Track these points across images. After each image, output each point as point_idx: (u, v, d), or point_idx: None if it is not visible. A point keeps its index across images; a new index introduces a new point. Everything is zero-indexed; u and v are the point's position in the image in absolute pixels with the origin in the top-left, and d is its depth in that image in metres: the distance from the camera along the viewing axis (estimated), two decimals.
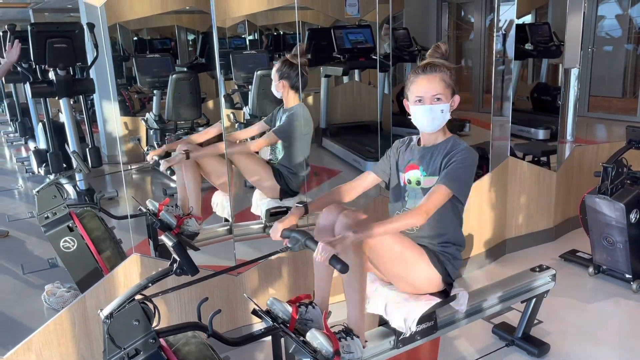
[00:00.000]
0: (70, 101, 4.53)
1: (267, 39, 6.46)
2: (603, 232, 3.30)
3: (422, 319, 2.11)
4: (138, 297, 1.64)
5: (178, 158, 3.01)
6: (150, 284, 1.67)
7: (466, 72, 8.80)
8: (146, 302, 1.66)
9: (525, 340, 2.71)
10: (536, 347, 2.66)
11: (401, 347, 2.15)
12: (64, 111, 4.51)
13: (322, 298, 2.16)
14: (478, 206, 3.57)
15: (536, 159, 4.32)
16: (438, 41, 3.21)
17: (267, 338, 1.98)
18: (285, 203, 3.16)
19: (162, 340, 1.70)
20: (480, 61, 7.90)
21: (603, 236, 3.31)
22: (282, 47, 5.77)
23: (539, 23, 6.76)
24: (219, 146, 3.13)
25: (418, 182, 2.17)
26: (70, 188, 4.54)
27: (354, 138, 5.46)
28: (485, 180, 3.58)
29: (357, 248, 1.95)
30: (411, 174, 2.19)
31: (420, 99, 2.09)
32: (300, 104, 3.15)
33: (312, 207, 2.22)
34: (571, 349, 2.72)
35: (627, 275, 3.28)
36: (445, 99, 2.08)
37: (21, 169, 6.07)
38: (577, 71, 4.21)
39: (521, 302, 2.65)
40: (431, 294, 2.16)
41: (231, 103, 4.92)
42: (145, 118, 4.56)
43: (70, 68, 4.37)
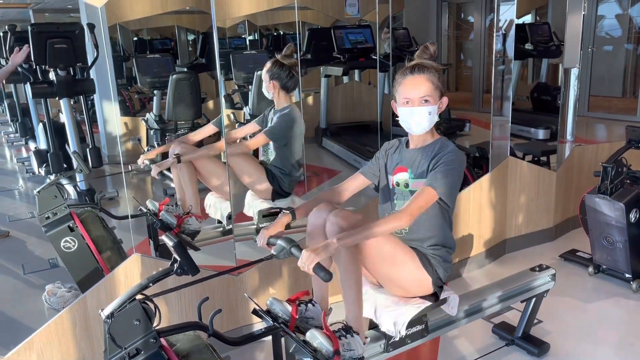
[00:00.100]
0: (70, 101, 4.53)
1: (267, 39, 6.46)
2: (603, 232, 3.31)
3: (412, 323, 2.10)
4: (139, 297, 1.64)
5: (169, 162, 3.00)
6: (151, 284, 1.67)
7: (466, 72, 8.80)
8: (147, 302, 1.66)
9: (525, 339, 2.71)
10: (536, 347, 2.66)
11: (392, 351, 2.13)
12: (65, 111, 4.52)
13: (322, 296, 2.16)
14: (478, 206, 3.57)
15: (536, 159, 4.33)
16: (438, 41, 3.22)
17: (268, 338, 1.98)
18: (277, 204, 3.15)
19: (163, 339, 1.71)
20: (480, 61, 7.91)
21: (603, 236, 3.32)
22: (282, 47, 5.76)
23: (539, 23, 6.76)
24: (211, 147, 3.13)
25: (406, 185, 2.15)
26: (70, 188, 4.54)
27: (354, 138, 5.45)
28: (485, 180, 3.59)
29: (350, 246, 1.94)
30: (399, 177, 2.18)
31: (408, 101, 2.07)
32: (291, 105, 3.14)
33: (300, 213, 2.19)
34: (571, 349, 2.72)
35: (627, 274, 3.29)
36: (433, 101, 2.06)
37: (22, 169, 6.07)
38: (577, 71, 4.22)
39: (521, 302, 2.65)
40: (421, 297, 2.15)
41: (231, 103, 4.93)
42: (145, 118, 4.56)
43: (70, 68, 4.37)
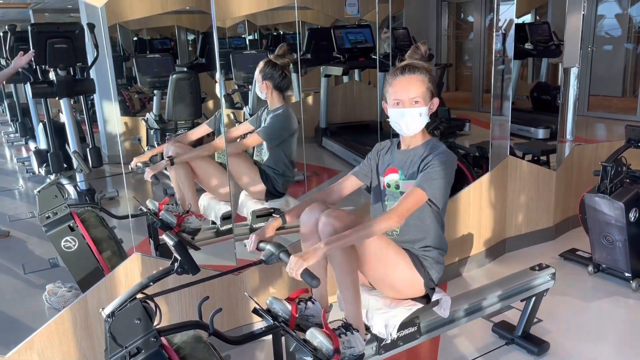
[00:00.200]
0: (70, 101, 4.54)
1: (267, 39, 6.46)
2: (602, 231, 3.31)
3: (404, 325, 2.09)
4: (139, 296, 1.65)
5: (162, 165, 3.00)
6: (151, 283, 1.68)
7: (466, 72, 8.81)
8: (147, 301, 1.67)
9: (525, 338, 2.71)
10: (536, 346, 2.66)
11: (383, 353, 2.12)
12: (65, 111, 4.52)
13: (321, 294, 2.16)
14: (478, 205, 3.58)
15: (536, 158, 4.33)
16: (438, 40, 3.22)
17: (268, 337, 1.98)
18: (270, 204, 3.15)
19: (164, 338, 1.71)
20: (480, 60, 7.92)
21: (602, 235, 3.32)
22: None
23: (539, 22, 6.77)
24: (205, 147, 3.13)
25: (397, 186, 2.15)
26: (71, 188, 4.55)
27: (354, 138, 5.45)
28: (485, 179, 3.59)
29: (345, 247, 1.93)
30: (390, 178, 2.17)
31: (398, 102, 2.07)
32: (284, 105, 3.13)
33: (291, 216, 2.18)
34: (571, 348, 2.72)
35: (627, 273, 3.29)
36: (423, 102, 2.05)
37: (22, 169, 6.07)
38: (577, 70, 4.22)
39: (521, 301, 2.65)
40: (413, 299, 2.14)
41: (231, 103, 4.93)
42: (145, 118, 4.57)
43: (70, 68, 4.38)
